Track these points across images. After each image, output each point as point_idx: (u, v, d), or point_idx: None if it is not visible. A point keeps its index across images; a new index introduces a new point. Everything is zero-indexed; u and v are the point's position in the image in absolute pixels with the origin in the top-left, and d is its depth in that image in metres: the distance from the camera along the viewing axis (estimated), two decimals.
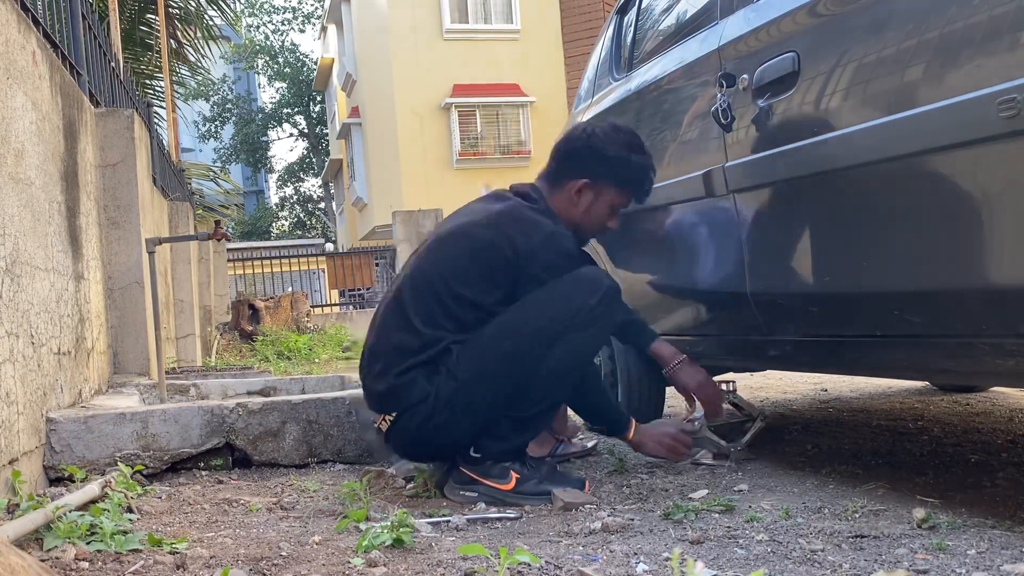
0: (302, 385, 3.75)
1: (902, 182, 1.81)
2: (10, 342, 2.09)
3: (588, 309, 2.18)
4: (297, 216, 37.79)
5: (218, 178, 14.56)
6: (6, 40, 2.23)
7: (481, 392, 2.16)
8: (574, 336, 2.17)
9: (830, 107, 1.97)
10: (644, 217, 2.90)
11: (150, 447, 2.54)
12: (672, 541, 1.76)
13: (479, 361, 2.15)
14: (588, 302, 2.19)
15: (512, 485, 2.18)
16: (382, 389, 2.22)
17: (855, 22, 1.91)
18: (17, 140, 2.26)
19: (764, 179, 2.21)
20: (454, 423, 2.17)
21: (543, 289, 2.20)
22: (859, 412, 3.44)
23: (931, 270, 1.77)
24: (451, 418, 2.16)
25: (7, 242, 2.11)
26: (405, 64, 19.80)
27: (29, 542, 1.66)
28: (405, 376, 2.18)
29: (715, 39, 2.43)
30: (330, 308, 14.88)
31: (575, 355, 2.21)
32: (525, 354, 2.15)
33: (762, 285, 2.28)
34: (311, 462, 2.67)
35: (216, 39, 11.12)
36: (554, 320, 2.16)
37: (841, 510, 1.93)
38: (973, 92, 1.58)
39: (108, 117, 3.77)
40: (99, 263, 3.51)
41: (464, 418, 2.17)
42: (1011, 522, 1.77)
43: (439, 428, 2.17)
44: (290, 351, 8.50)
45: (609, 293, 2.23)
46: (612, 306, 2.26)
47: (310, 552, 1.69)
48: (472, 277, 2.21)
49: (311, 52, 39.65)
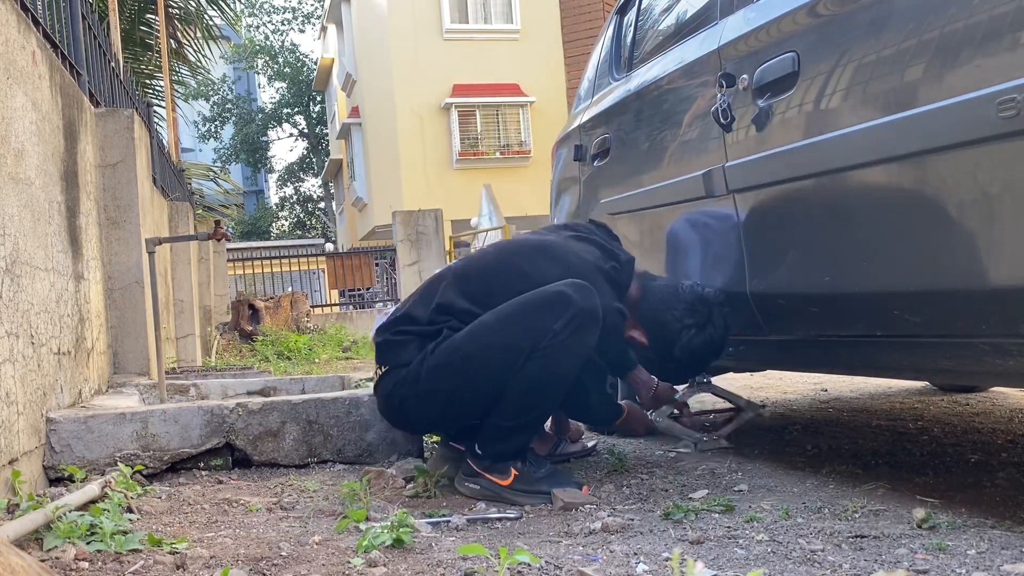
0: (302, 385, 3.75)
1: (902, 182, 1.81)
2: (10, 342, 2.09)
3: (552, 333, 2.11)
4: (297, 216, 37.79)
5: (218, 178, 14.56)
6: (6, 40, 2.23)
7: (444, 384, 2.20)
8: (541, 360, 2.12)
9: (830, 107, 1.97)
10: (644, 217, 2.91)
11: (150, 447, 2.54)
12: (672, 541, 1.76)
13: (447, 354, 2.20)
14: (551, 326, 2.12)
15: (510, 481, 2.20)
16: (379, 341, 2.34)
17: (855, 22, 1.91)
18: (17, 140, 2.26)
19: (764, 179, 2.21)
20: (416, 401, 2.25)
21: (516, 300, 2.18)
22: (859, 412, 3.44)
23: (931, 270, 1.77)
24: (415, 395, 2.24)
25: (7, 242, 2.11)
26: (405, 64, 19.80)
27: (29, 542, 1.66)
28: (400, 336, 2.29)
29: (715, 39, 2.43)
30: (330, 308, 14.87)
31: (548, 379, 2.16)
32: (487, 363, 2.16)
33: (762, 285, 2.28)
34: (311, 462, 2.67)
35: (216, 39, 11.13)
36: (518, 337, 2.13)
37: (841, 510, 1.93)
38: (973, 92, 1.58)
39: (108, 117, 3.77)
40: (99, 263, 3.51)
41: (425, 401, 2.24)
42: (1011, 522, 1.77)
43: (404, 399, 2.27)
44: (290, 351, 8.50)
45: (578, 317, 2.12)
46: (581, 331, 2.13)
47: (310, 552, 1.69)
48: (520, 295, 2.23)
49: (311, 52, 39.68)
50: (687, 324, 2.37)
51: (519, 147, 20.03)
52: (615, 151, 3.10)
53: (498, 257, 2.41)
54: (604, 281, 2.32)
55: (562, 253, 2.36)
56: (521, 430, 2.24)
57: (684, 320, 2.37)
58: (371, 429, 2.70)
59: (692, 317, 2.37)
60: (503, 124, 20.11)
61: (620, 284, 2.39)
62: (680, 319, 2.38)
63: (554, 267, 2.28)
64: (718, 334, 2.40)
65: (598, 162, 3.23)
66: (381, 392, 2.36)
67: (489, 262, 2.40)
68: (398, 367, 2.28)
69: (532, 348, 2.12)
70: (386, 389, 2.32)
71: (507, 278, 2.28)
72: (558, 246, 2.40)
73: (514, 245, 2.49)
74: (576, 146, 3.44)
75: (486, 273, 2.34)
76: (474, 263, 2.41)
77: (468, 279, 2.33)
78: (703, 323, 2.38)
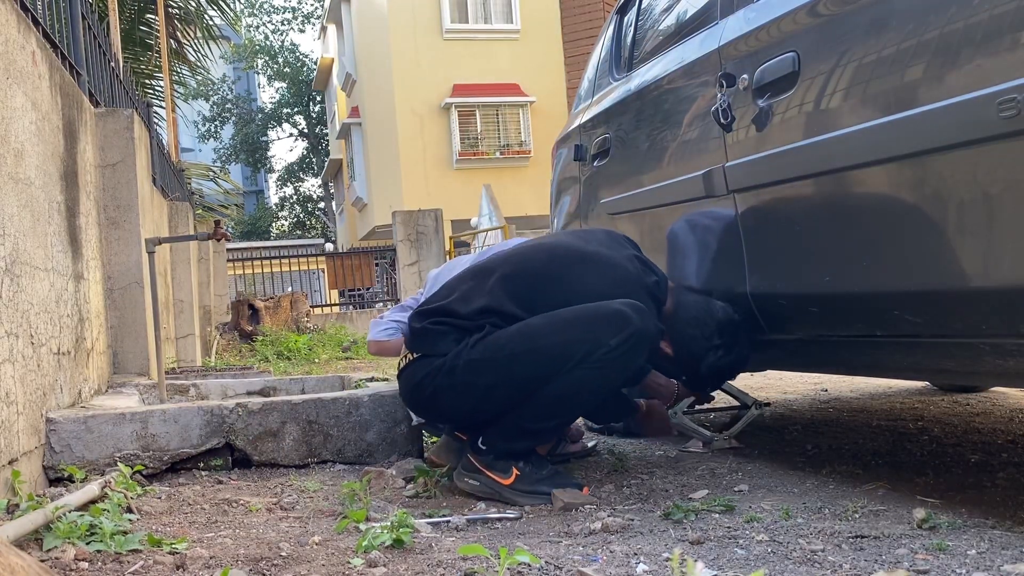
0: (302, 385, 3.75)
1: (902, 182, 1.81)
2: (10, 342, 2.09)
3: (607, 349, 2.12)
4: (297, 216, 37.78)
5: (218, 178, 14.55)
6: (6, 40, 2.23)
7: (483, 379, 2.18)
8: (588, 372, 2.13)
9: (830, 107, 1.97)
10: (644, 217, 2.90)
11: (150, 447, 2.54)
12: (672, 541, 1.76)
13: (492, 350, 2.17)
14: (608, 341, 2.12)
15: (511, 480, 2.19)
16: (417, 327, 2.32)
17: (855, 22, 1.91)
18: (17, 140, 2.26)
19: (764, 179, 2.20)
20: (451, 392, 2.22)
21: (574, 308, 2.18)
22: (859, 412, 3.44)
23: (931, 270, 1.77)
24: (450, 388, 2.21)
25: (7, 242, 2.11)
26: (405, 64, 19.80)
27: (29, 542, 1.66)
28: (439, 326, 2.27)
29: (715, 39, 2.43)
30: (330, 308, 14.87)
31: (588, 391, 2.18)
32: (533, 364, 2.15)
33: (762, 285, 2.28)
34: (311, 462, 2.67)
35: (216, 39, 11.12)
36: (571, 345, 2.13)
37: (841, 510, 1.93)
38: (973, 92, 1.58)
39: (108, 117, 3.77)
40: (99, 263, 3.51)
41: (460, 395, 2.21)
42: (1011, 522, 1.77)
43: (438, 388, 2.24)
44: (290, 351, 8.50)
45: (634, 337, 2.13)
46: (633, 351, 2.15)
47: (310, 552, 1.69)
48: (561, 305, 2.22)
49: (311, 52, 39.68)
50: (716, 344, 2.37)
51: (519, 147, 20.03)
52: (615, 151, 3.10)
53: (547, 263, 2.37)
54: (647, 297, 2.30)
55: (609, 265, 2.34)
56: (539, 434, 2.25)
57: (714, 340, 2.37)
58: (371, 429, 2.70)
59: (722, 338, 2.37)
60: (503, 124, 20.10)
61: (659, 300, 2.38)
62: (710, 338, 2.36)
63: (602, 280, 2.27)
64: (744, 355, 2.41)
65: (598, 162, 3.23)
66: (409, 379, 2.32)
67: (537, 267, 2.36)
68: (433, 356, 2.25)
69: (584, 358, 2.11)
70: (416, 376, 2.28)
71: (555, 286, 2.27)
72: (604, 257, 2.37)
73: (562, 252, 2.42)
74: (576, 146, 3.44)
75: (535, 279, 2.32)
76: (522, 266, 2.36)
77: (516, 282, 2.30)
78: (731, 344, 2.37)
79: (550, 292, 2.25)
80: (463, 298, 2.31)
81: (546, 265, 2.36)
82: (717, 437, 2.78)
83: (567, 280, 2.29)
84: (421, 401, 2.34)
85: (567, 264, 2.35)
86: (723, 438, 2.78)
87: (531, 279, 2.32)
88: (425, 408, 2.38)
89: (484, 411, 2.26)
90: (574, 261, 2.36)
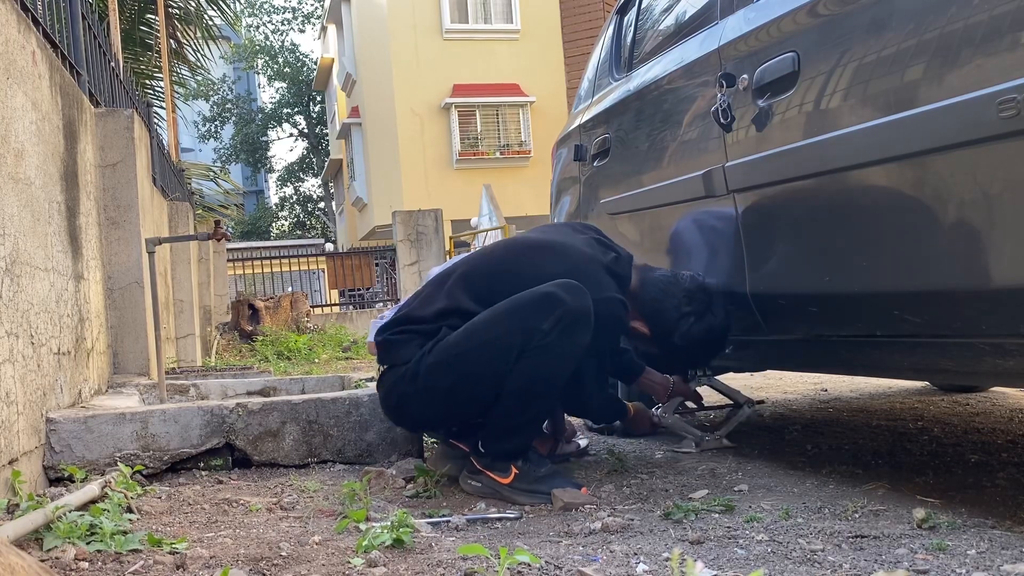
0: (302, 385, 3.75)
1: (902, 182, 1.81)
2: (10, 342, 2.09)
3: (542, 334, 2.11)
4: (297, 216, 37.77)
5: (218, 178, 14.53)
6: (6, 40, 2.23)
7: (441, 382, 2.20)
8: (531, 360, 2.12)
9: (830, 107, 1.97)
10: (644, 217, 2.91)
11: (150, 447, 2.54)
12: (672, 541, 1.76)
13: (444, 352, 2.20)
14: (540, 326, 2.11)
15: (510, 479, 2.20)
16: (380, 340, 2.36)
17: (855, 22, 1.91)
18: (17, 140, 2.26)
19: (764, 179, 2.20)
20: (416, 398, 2.25)
21: (511, 299, 2.18)
22: (859, 412, 3.44)
23: (931, 270, 1.77)
24: (414, 392, 2.24)
25: (7, 242, 2.11)
26: (405, 64, 19.80)
27: (29, 542, 1.66)
28: (401, 335, 2.31)
29: (715, 39, 2.43)
30: (330, 308, 14.87)
31: (540, 379, 2.16)
32: (480, 361, 2.16)
33: (762, 285, 2.28)
34: (311, 462, 2.67)
35: (216, 39, 11.12)
36: (507, 336, 2.13)
37: (841, 510, 1.93)
38: (973, 92, 1.58)
39: (108, 117, 3.77)
40: (99, 263, 3.51)
41: (424, 398, 2.24)
42: (1011, 522, 1.77)
43: (403, 396, 2.28)
44: (290, 351, 8.49)
45: (567, 316, 2.10)
46: (571, 330, 2.11)
47: (310, 552, 1.69)
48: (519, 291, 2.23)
49: (311, 52, 39.66)
50: (686, 312, 2.39)
51: (519, 147, 20.03)
52: (615, 151, 3.10)
53: (503, 256, 2.42)
54: (606, 273, 2.32)
55: (563, 249, 2.37)
56: (519, 429, 2.24)
57: (683, 308, 2.39)
58: (371, 429, 2.70)
59: (691, 305, 2.39)
60: (503, 124, 20.10)
61: (621, 276, 2.39)
62: (679, 307, 2.39)
63: (557, 264, 2.29)
64: (718, 323, 2.41)
65: (598, 162, 3.23)
66: (380, 389, 2.38)
67: (493, 262, 2.40)
68: (398, 365, 2.29)
69: (522, 348, 2.12)
70: (386, 386, 2.33)
71: (511, 277, 2.28)
72: (559, 243, 2.41)
73: (518, 244, 2.50)
74: (576, 146, 3.44)
75: (491, 273, 2.35)
76: (479, 263, 2.41)
77: (473, 279, 2.34)
78: (702, 311, 2.40)
79: (508, 284, 2.25)
80: (423, 303, 2.35)
81: (502, 259, 2.40)
82: (708, 437, 2.79)
83: (522, 269, 2.30)
84: (393, 410, 2.38)
85: (521, 253, 2.40)
86: (714, 438, 2.79)
87: (488, 274, 2.34)
88: (398, 416, 2.42)
89: (452, 413, 2.31)
90: (529, 250, 2.40)
